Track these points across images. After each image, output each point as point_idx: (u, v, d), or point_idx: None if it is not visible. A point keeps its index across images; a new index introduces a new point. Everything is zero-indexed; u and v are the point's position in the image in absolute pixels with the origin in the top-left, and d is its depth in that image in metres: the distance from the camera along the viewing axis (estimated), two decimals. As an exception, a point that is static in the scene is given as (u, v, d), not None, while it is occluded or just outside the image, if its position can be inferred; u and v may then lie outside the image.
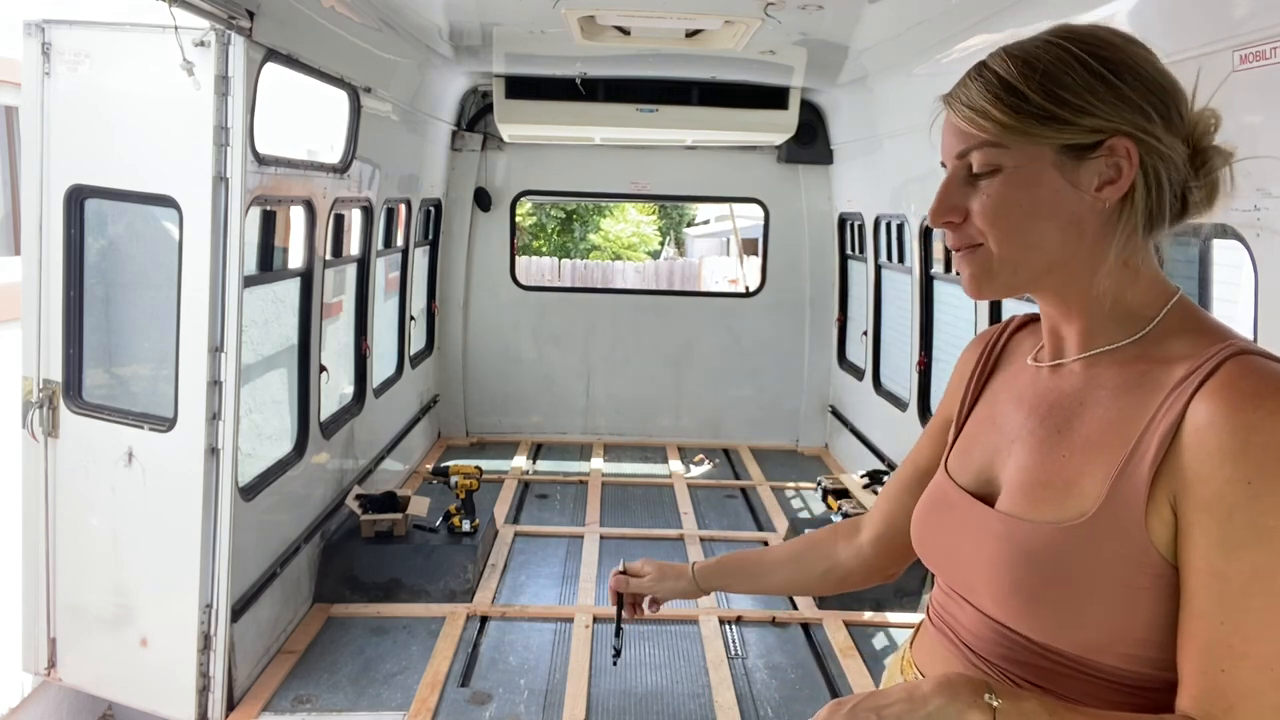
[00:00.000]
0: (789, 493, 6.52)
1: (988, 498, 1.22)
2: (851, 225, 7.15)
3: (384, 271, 6.10)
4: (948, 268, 5.30)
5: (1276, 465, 0.97)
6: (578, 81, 6.15)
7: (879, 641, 4.40)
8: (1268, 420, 0.98)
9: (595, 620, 4.48)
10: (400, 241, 6.31)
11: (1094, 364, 1.17)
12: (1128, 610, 1.05)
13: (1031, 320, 1.36)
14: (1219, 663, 0.99)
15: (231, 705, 3.63)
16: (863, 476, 5.67)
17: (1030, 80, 1.09)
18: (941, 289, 5.46)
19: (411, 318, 6.61)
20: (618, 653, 1.74)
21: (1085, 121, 1.08)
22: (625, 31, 4.68)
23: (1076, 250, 1.12)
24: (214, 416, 3.49)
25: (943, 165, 1.19)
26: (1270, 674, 0.98)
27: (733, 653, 4.23)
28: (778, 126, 6.55)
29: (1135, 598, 1.04)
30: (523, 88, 6.24)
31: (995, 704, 1.01)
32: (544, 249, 23.36)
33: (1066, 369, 1.20)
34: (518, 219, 8.28)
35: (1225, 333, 1.11)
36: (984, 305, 4.56)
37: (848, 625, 4.46)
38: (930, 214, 1.17)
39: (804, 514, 6.00)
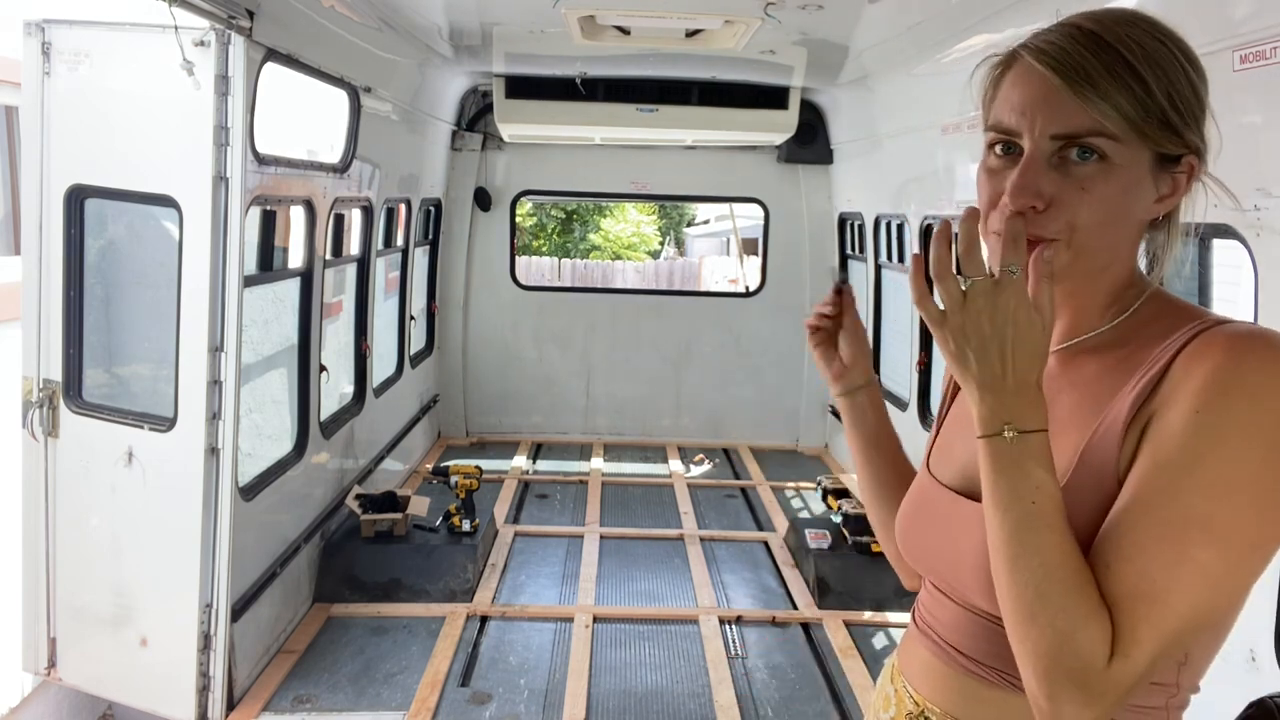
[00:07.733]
0: (789, 492, 6.52)
1: (972, 495, 1.21)
2: (851, 225, 7.15)
3: (384, 271, 6.10)
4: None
5: (1226, 398, 0.97)
6: (578, 81, 6.15)
7: (879, 641, 4.40)
8: (1230, 360, 0.98)
9: (595, 620, 4.49)
10: (400, 241, 6.31)
11: (1072, 354, 1.17)
12: None
13: None
14: (1104, 556, 1.00)
15: (231, 705, 3.64)
16: (863, 476, 5.66)
17: (1158, 79, 1.04)
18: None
19: (411, 317, 6.61)
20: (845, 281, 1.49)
21: (1188, 136, 1.05)
22: (625, 31, 4.68)
23: (1126, 255, 1.12)
24: (214, 416, 3.49)
25: (995, 131, 1.10)
26: (1148, 582, 0.97)
27: (733, 653, 4.23)
28: (778, 126, 6.55)
29: None
30: (523, 88, 6.25)
31: (1009, 435, 1.02)
32: (544, 249, 23.34)
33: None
34: (518, 219, 8.28)
35: (1202, 312, 1.11)
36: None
37: (848, 625, 4.46)
38: (1011, 192, 1.06)
39: (804, 514, 6.00)
